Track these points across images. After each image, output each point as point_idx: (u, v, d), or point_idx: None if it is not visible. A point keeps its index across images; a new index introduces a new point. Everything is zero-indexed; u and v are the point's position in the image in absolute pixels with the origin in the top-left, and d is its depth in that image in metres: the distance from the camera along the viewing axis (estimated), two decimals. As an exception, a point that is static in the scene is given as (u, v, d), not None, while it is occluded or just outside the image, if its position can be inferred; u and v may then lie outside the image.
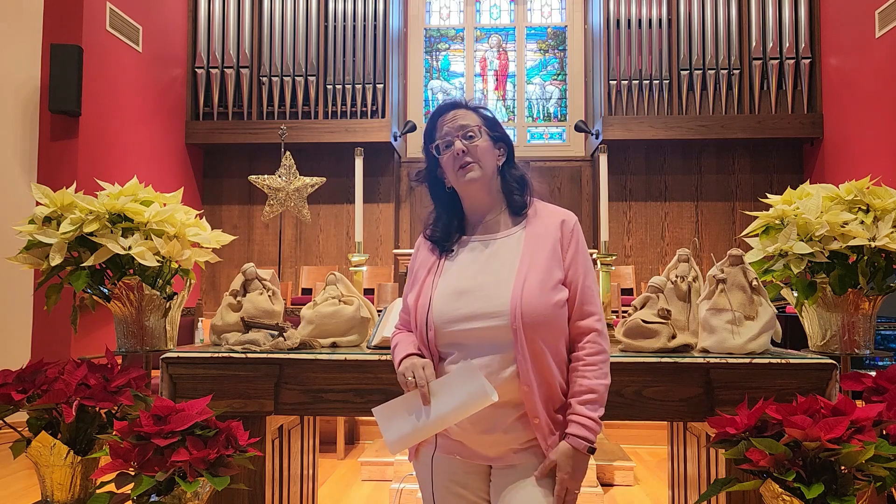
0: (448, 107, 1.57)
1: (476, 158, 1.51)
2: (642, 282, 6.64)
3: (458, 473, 1.52)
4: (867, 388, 1.90)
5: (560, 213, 1.57)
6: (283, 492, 2.15)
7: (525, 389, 1.40)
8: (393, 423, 1.42)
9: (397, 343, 1.58)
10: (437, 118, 1.57)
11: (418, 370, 1.42)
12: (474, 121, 1.54)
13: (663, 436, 4.51)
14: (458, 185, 1.55)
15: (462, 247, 1.56)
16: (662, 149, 7.13)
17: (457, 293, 1.46)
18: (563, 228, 1.52)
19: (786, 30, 6.62)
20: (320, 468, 3.70)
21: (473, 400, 1.35)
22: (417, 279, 1.57)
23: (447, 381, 1.40)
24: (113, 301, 2.23)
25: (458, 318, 1.44)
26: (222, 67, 6.91)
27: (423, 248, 1.61)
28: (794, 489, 1.49)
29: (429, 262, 1.57)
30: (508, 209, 1.57)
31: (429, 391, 1.40)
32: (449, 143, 1.52)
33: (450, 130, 1.53)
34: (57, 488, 1.95)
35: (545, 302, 1.42)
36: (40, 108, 5.22)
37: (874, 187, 2.17)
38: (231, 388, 1.93)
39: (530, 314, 1.40)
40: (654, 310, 1.98)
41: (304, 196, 5.59)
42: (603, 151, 5.05)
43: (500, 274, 1.47)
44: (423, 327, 1.48)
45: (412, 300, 1.54)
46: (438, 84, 7.76)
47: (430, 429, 1.40)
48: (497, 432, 1.44)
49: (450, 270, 1.52)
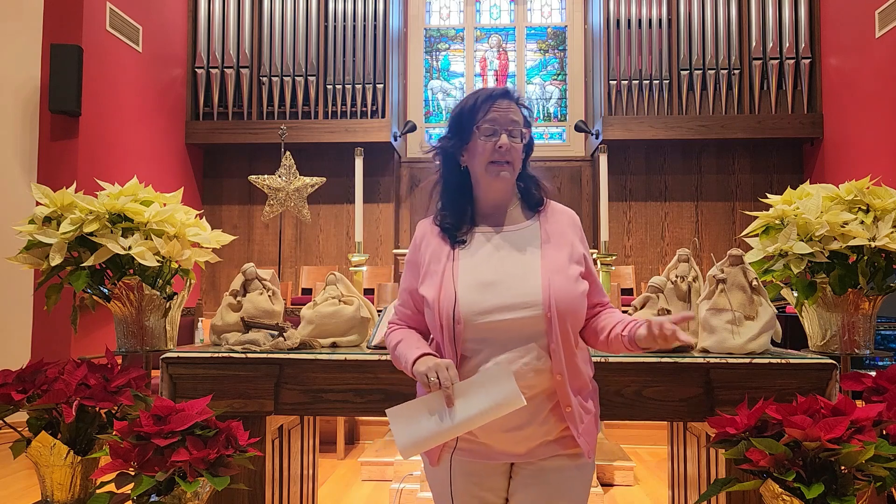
0: (504, 95, 1.52)
1: (512, 160, 1.50)
2: (642, 282, 6.64)
3: (481, 475, 1.49)
4: (867, 388, 1.90)
5: (568, 212, 1.61)
6: (283, 492, 2.15)
7: (558, 379, 1.42)
8: (409, 426, 1.37)
9: (400, 340, 1.53)
10: (488, 101, 1.50)
11: (442, 371, 1.37)
12: (521, 121, 1.52)
13: (663, 436, 4.50)
14: (481, 175, 1.52)
15: (475, 238, 1.53)
16: (662, 149, 7.12)
17: (483, 285, 1.44)
18: (575, 228, 1.57)
19: (786, 30, 6.62)
20: (320, 468, 3.70)
21: (504, 402, 1.32)
22: (431, 272, 1.50)
23: (474, 382, 1.37)
24: (113, 301, 2.23)
25: (489, 310, 1.42)
26: (222, 67, 6.91)
27: (432, 237, 1.56)
28: (794, 489, 1.49)
29: (442, 253, 1.52)
30: (523, 203, 1.58)
31: (453, 393, 1.36)
32: (495, 132, 1.49)
33: (501, 120, 1.49)
34: (57, 488, 1.95)
35: (574, 291, 1.45)
36: (40, 108, 5.22)
37: (874, 187, 2.17)
38: (231, 388, 1.93)
39: (563, 302, 1.42)
40: (654, 310, 1.98)
41: (304, 196, 5.58)
42: (603, 151, 5.05)
43: (523, 265, 1.47)
44: (449, 321, 1.43)
45: (431, 295, 1.47)
46: (438, 84, 7.76)
47: (452, 432, 1.35)
48: (532, 426, 1.43)
49: (468, 262, 1.49)
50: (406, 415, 1.38)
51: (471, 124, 1.50)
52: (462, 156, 1.54)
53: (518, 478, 1.49)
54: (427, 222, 1.60)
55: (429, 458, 1.53)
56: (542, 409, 1.44)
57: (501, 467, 1.50)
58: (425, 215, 1.63)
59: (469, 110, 1.51)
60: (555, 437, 1.46)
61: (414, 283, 1.54)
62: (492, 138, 1.48)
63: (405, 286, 1.58)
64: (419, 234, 1.59)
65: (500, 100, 1.51)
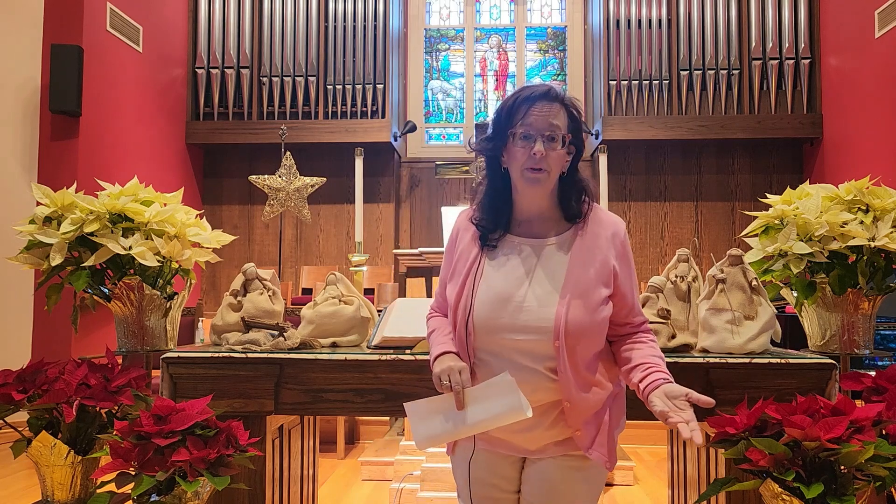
0: (544, 96, 1.42)
1: (548, 167, 1.42)
2: (642, 282, 6.64)
3: (497, 465, 1.54)
4: (867, 388, 1.90)
5: (611, 222, 1.51)
6: (283, 491, 2.15)
7: (567, 406, 1.43)
8: (424, 422, 1.44)
9: (434, 329, 1.56)
10: (527, 101, 1.42)
11: (454, 375, 1.40)
12: (563, 123, 1.43)
13: (663, 436, 4.51)
14: (517, 181, 1.46)
15: (505, 246, 1.49)
16: (662, 149, 7.12)
17: (500, 300, 1.43)
18: (614, 242, 1.48)
19: (785, 30, 6.62)
20: (320, 468, 3.70)
21: (509, 413, 1.36)
22: (457, 273, 1.51)
23: (484, 389, 1.40)
24: (113, 301, 2.23)
25: (500, 329, 1.42)
26: (222, 67, 6.91)
27: (466, 234, 1.54)
28: (794, 489, 1.49)
29: (469, 256, 1.50)
30: (562, 213, 1.50)
31: (464, 397, 1.39)
32: (530, 137, 1.41)
33: (537, 125, 1.41)
34: (57, 488, 1.95)
35: (591, 320, 1.41)
36: (40, 108, 5.22)
37: (874, 187, 2.17)
38: (231, 388, 1.93)
39: (575, 334, 1.40)
40: (653, 310, 1.98)
41: (305, 196, 5.59)
42: (603, 151, 5.05)
43: (545, 286, 1.43)
44: (462, 330, 1.45)
45: (452, 297, 1.48)
46: (438, 84, 7.76)
47: (460, 434, 1.42)
48: (539, 429, 1.46)
49: (492, 271, 1.47)
50: (422, 411, 1.45)
51: (508, 127, 1.44)
52: (503, 157, 1.48)
53: (528, 470, 1.53)
54: (465, 216, 1.58)
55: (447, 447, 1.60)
56: (549, 414, 1.46)
57: (516, 460, 1.55)
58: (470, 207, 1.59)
59: (507, 112, 1.45)
60: (563, 438, 1.48)
61: (445, 275, 1.57)
62: (528, 144, 1.41)
63: (441, 275, 1.60)
64: (457, 226, 1.58)
65: (539, 102, 1.42)
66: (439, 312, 1.61)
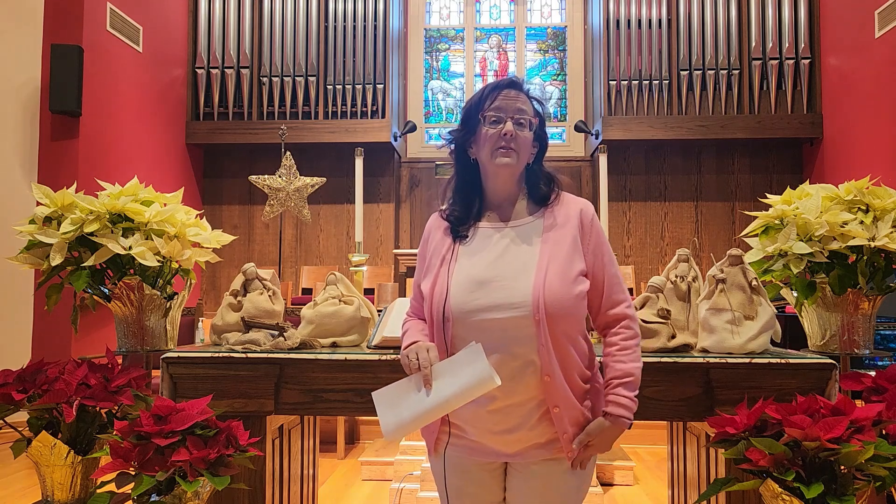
0: (511, 84, 1.51)
1: (517, 148, 1.47)
2: (642, 282, 6.64)
3: (473, 472, 1.51)
4: (867, 388, 1.90)
5: (577, 202, 1.55)
6: (283, 491, 2.15)
7: (546, 380, 1.40)
8: (391, 409, 1.38)
9: (407, 329, 1.56)
10: (495, 90, 1.50)
11: (422, 352, 1.40)
12: (530, 111, 1.50)
13: (663, 435, 4.51)
14: (487, 164, 1.51)
15: (477, 233, 1.52)
16: (662, 149, 7.12)
17: (475, 283, 1.43)
18: (582, 218, 1.51)
19: (785, 30, 6.62)
20: (320, 468, 3.70)
21: (476, 383, 1.31)
22: (431, 267, 1.52)
23: (451, 363, 1.37)
24: (113, 301, 2.23)
25: (478, 309, 1.41)
26: (222, 67, 6.91)
27: (438, 231, 1.57)
28: (794, 489, 1.49)
29: (442, 248, 1.53)
30: (529, 197, 1.55)
31: (431, 374, 1.37)
32: (500, 120, 1.48)
33: (505, 108, 1.48)
34: (57, 488, 1.95)
35: (568, 293, 1.41)
36: (41, 108, 5.22)
37: (873, 187, 2.17)
38: (231, 388, 1.94)
39: (553, 305, 1.39)
40: (653, 310, 1.98)
41: (305, 196, 5.59)
42: (603, 151, 5.05)
43: (519, 263, 1.44)
44: (439, 318, 1.44)
45: (427, 289, 1.50)
46: (438, 84, 7.76)
47: (430, 414, 1.36)
48: (522, 430, 1.44)
49: (465, 259, 1.49)
50: (389, 397, 1.40)
51: (477, 113, 1.50)
52: (471, 147, 1.53)
53: (512, 476, 1.51)
54: (436, 216, 1.62)
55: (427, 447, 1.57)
56: (532, 414, 1.44)
57: (496, 466, 1.52)
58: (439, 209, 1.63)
59: (476, 101, 1.52)
60: (545, 440, 1.45)
61: (419, 276, 1.57)
62: (496, 125, 1.47)
63: (415, 279, 1.61)
64: (428, 228, 1.61)
65: (506, 89, 1.49)
66: (415, 316, 1.60)
